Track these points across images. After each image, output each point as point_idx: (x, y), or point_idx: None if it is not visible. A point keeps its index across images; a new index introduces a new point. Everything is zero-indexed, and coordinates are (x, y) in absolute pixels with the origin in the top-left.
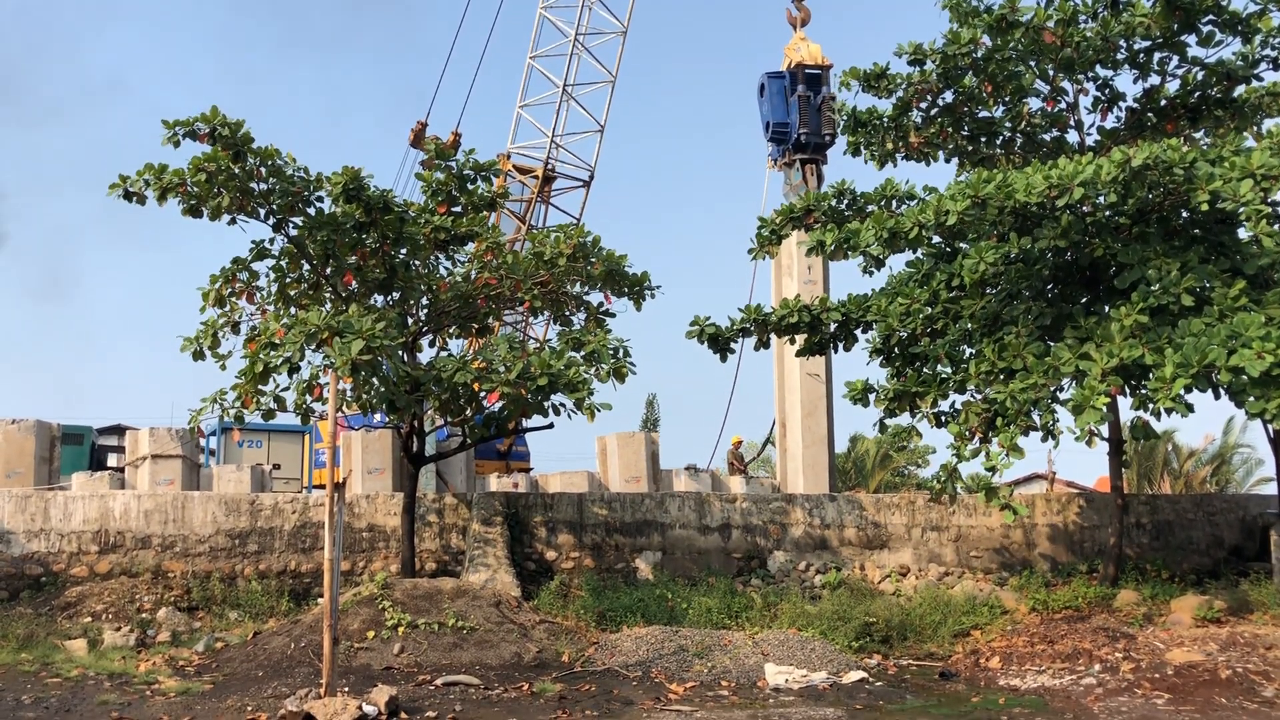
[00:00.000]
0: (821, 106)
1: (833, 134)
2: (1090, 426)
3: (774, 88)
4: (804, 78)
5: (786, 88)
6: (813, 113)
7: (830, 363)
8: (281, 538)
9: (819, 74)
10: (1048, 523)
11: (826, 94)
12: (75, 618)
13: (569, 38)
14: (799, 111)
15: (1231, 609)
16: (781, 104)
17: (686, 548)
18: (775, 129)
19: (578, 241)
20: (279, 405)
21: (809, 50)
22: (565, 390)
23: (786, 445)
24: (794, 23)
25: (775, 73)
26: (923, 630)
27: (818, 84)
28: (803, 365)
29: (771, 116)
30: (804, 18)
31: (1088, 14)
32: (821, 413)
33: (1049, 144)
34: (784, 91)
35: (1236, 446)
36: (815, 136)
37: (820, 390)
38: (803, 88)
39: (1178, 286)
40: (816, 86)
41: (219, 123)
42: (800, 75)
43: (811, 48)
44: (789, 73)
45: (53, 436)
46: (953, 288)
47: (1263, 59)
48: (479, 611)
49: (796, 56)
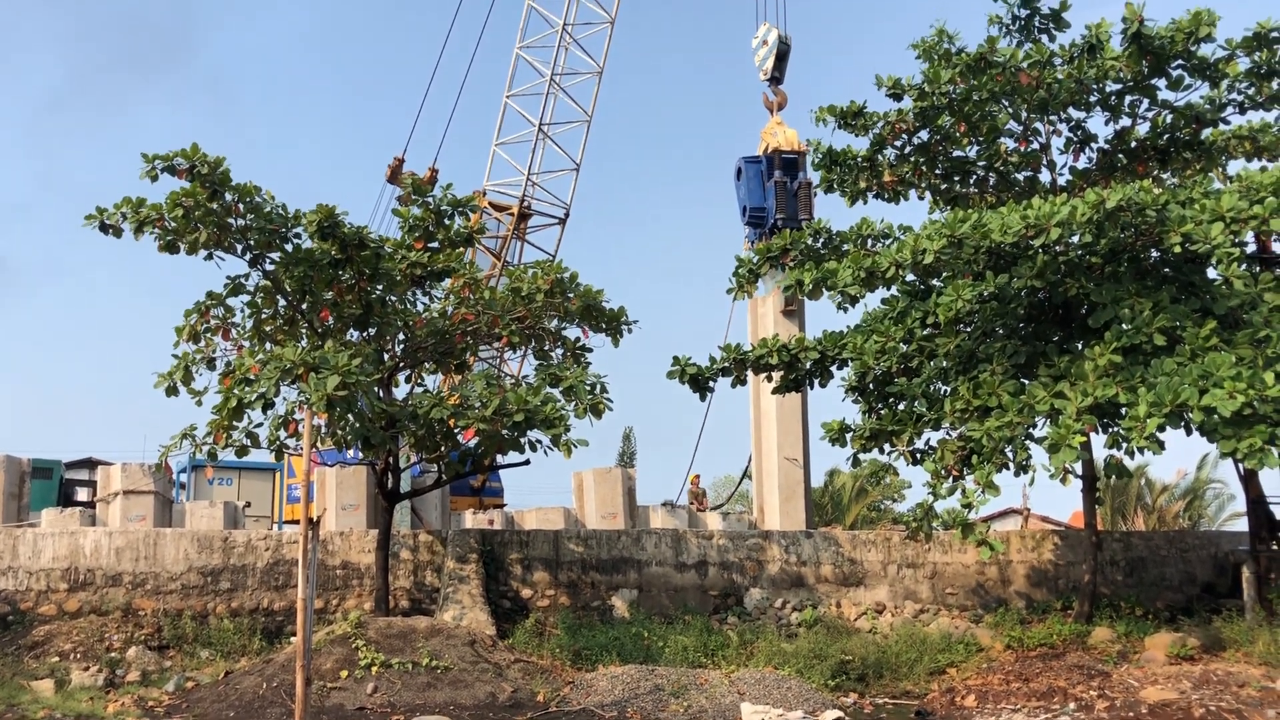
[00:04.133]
0: (798, 192)
1: (810, 219)
2: (1065, 464)
3: (750, 172)
4: (780, 163)
5: (763, 172)
6: (789, 198)
7: (806, 399)
8: (254, 575)
9: (795, 159)
10: (1023, 559)
11: (803, 179)
12: (43, 657)
13: (545, 77)
14: (775, 197)
15: (1205, 646)
16: (758, 188)
17: (663, 585)
18: (752, 213)
19: (555, 277)
20: (252, 442)
21: (785, 135)
22: (542, 426)
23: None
24: (770, 107)
25: (752, 157)
26: (899, 668)
27: (794, 169)
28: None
29: (748, 201)
30: (780, 102)
31: (1063, 57)
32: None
33: (1022, 183)
34: (760, 176)
35: (1209, 482)
36: (792, 222)
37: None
38: (779, 173)
39: (1150, 326)
40: (793, 172)
41: (198, 159)
42: (777, 160)
43: (788, 133)
44: (765, 158)
45: (22, 472)
46: (928, 325)
47: (1230, 103)
48: (453, 650)
49: (773, 141)
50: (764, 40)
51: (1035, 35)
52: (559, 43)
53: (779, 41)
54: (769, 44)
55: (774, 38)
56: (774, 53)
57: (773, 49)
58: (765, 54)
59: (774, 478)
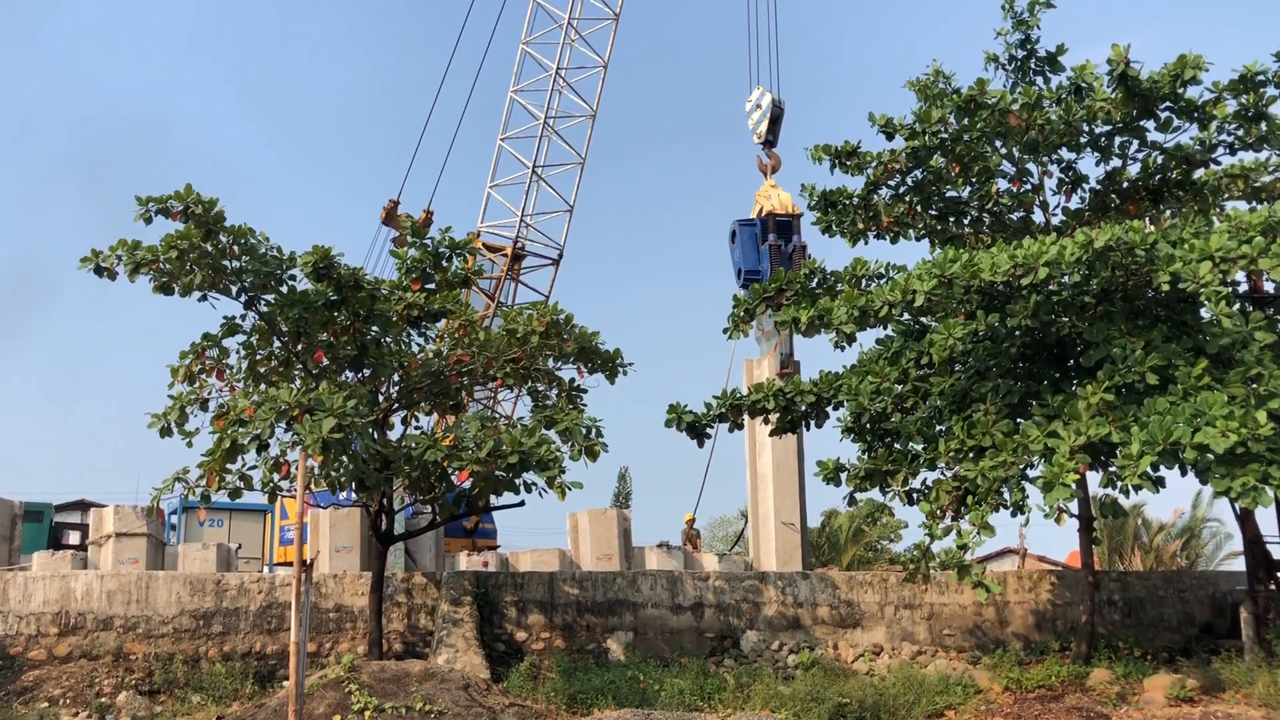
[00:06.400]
0: (793, 255)
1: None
2: (1060, 504)
3: (745, 235)
4: (775, 226)
5: (757, 235)
6: (784, 260)
7: (802, 439)
8: (247, 618)
9: (789, 222)
10: (1020, 600)
11: (798, 243)
12: (32, 703)
13: (539, 120)
14: (770, 260)
15: (1204, 687)
16: (753, 252)
17: (659, 627)
18: (747, 276)
19: (550, 319)
20: (245, 484)
21: (780, 199)
22: (537, 468)
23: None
24: (764, 170)
25: (746, 221)
26: (896, 710)
27: (789, 232)
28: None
29: (743, 264)
30: (774, 165)
31: (1051, 99)
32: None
33: (1016, 223)
34: (755, 239)
35: (1205, 520)
36: None
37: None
38: (774, 236)
39: (1142, 365)
40: (787, 235)
41: (192, 200)
42: (771, 224)
43: (782, 196)
44: (760, 220)
45: (14, 515)
46: (922, 365)
47: (1219, 144)
48: (447, 694)
49: (768, 205)
50: (757, 104)
51: (1031, 77)
52: (553, 86)
53: (772, 105)
54: (763, 107)
55: (767, 101)
56: (768, 116)
57: (766, 112)
58: (759, 117)
59: (771, 543)
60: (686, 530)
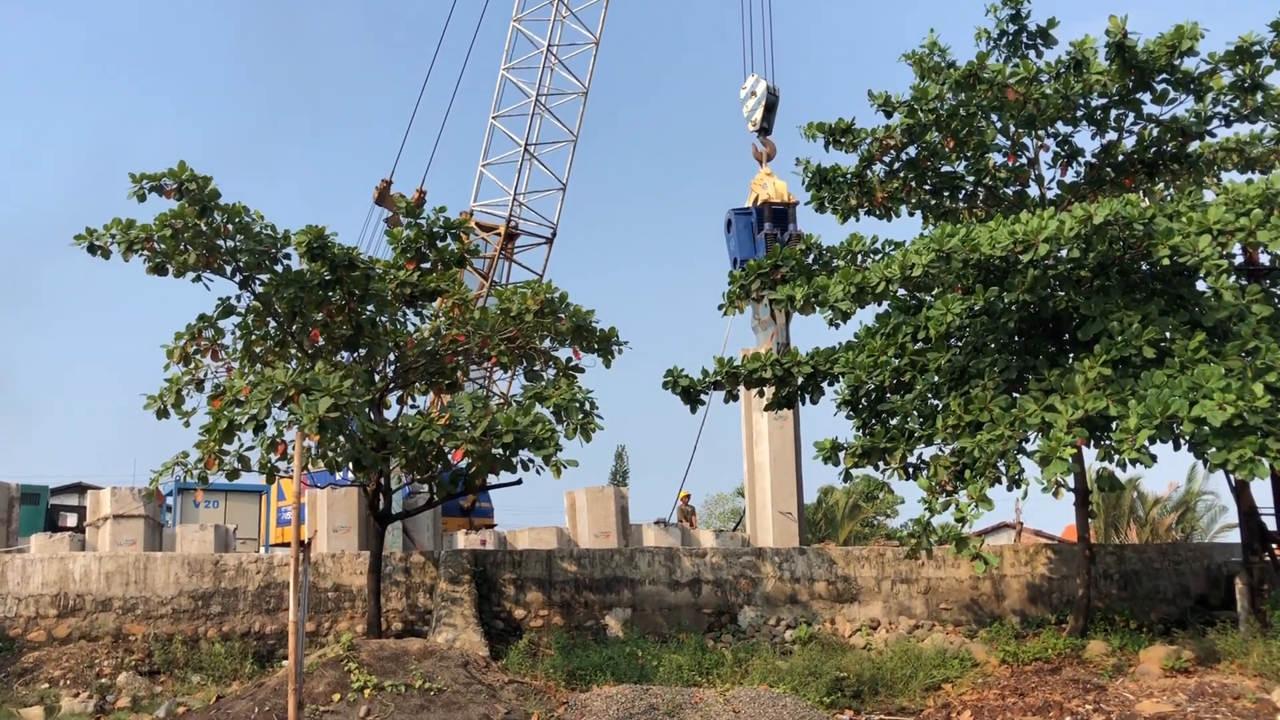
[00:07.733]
0: (789, 244)
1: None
2: (1057, 478)
3: (740, 224)
4: (770, 215)
5: (753, 224)
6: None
7: (798, 415)
8: (246, 598)
9: (785, 210)
10: (1016, 574)
11: (794, 231)
12: (32, 684)
13: (531, 98)
14: (766, 248)
15: (1199, 659)
16: (748, 240)
17: (657, 604)
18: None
19: (545, 297)
20: (243, 465)
21: (775, 187)
22: (532, 447)
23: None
24: (759, 158)
25: (742, 209)
26: (894, 684)
27: (784, 220)
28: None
29: (739, 253)
30: (769, 153)
31: (1049, 73)
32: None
33: (1011, 198)
34: (750, 228)
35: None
36: None
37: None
38: (769, 225)
39: (1139, 339)
40: (783, 223)
41: (186, 178)
42: (767, 212)
43: (778, 184)
44: (755, 209)
45: (11, 497)
46: (919, 340)
47: (1215, 116)
48: (446, 672)
49: (763, 194)
50: (752, 91)
51: (1023, 51)
52: (544, 64)
53: (767, 92)
54: (757, 95)
55: (762, 89)
56: (762, 103)
57: (761, 100)
58: (754, 105)
59: (769, 531)
60: (682, 506)
